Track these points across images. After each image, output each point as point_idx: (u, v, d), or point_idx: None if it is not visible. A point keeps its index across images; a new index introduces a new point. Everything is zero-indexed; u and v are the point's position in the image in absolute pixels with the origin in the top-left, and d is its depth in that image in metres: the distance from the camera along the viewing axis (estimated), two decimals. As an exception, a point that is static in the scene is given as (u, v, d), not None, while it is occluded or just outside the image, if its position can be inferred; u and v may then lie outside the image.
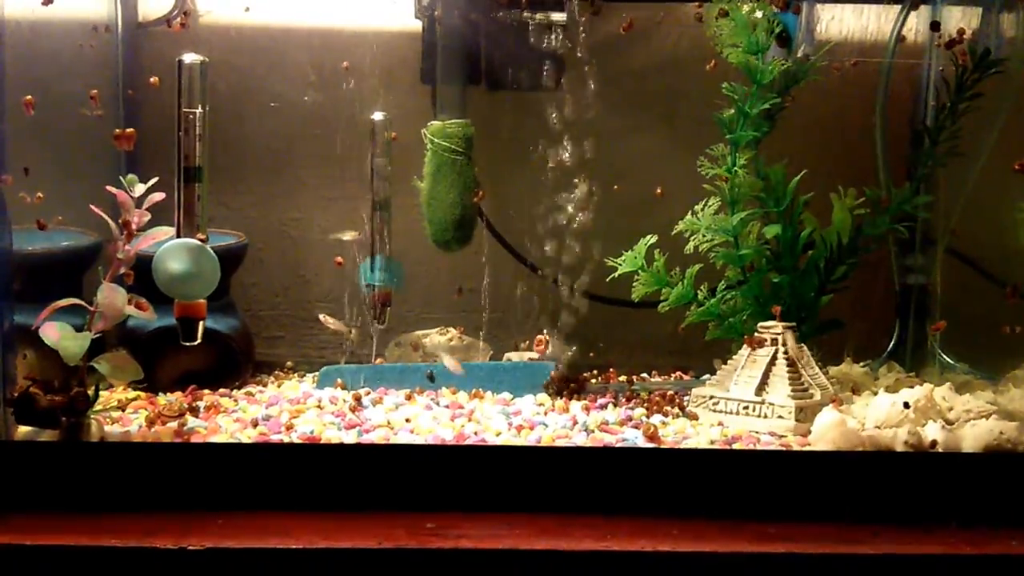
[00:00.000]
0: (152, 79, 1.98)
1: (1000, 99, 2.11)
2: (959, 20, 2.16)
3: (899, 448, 1.68)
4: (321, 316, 2.15)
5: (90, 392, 1.69)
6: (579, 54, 2.14)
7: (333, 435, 1.74)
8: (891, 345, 2.34)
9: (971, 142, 2.15)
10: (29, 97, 1.77)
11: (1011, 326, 1.92)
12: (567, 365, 2.14)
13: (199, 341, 1.76)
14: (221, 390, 2.08)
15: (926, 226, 2.26)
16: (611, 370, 2.28)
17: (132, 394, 2.02)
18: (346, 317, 2.16)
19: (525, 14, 2.19)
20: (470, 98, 2.25)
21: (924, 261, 2.29)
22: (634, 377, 2.27)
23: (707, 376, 2.13)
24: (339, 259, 2.18)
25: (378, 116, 2.13)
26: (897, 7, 2.24)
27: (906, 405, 1.77)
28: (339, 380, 2.10)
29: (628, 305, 2.20)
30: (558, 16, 2.18)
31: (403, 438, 1.74)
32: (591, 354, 2.25)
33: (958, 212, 2.22)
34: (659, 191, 2.17)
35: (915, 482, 1.62)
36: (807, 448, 1.74)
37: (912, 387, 1.89)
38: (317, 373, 2.15)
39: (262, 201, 2.42)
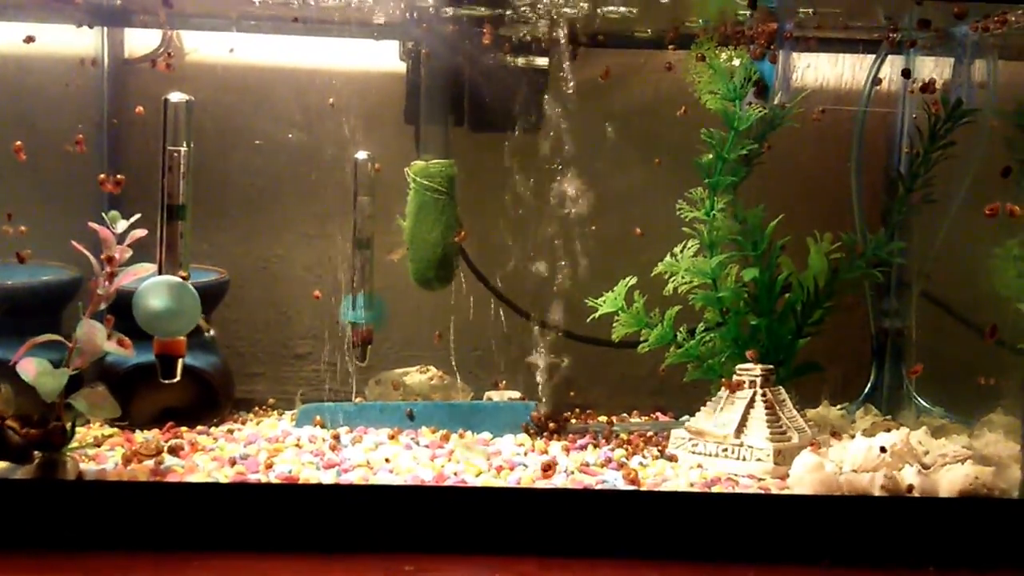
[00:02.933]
0: (137, 108, 1.99)
1: (973, 146, 2.16)
2: (931, 70, 2.21)
3: (876, 492, 1.70)
4: None
5: (68, 427, 1.68)
6: (561, 97, 2.17)
7: (312, 475, 1.73)
8: (867, 388, 2.37)
9: (945, 188, 2.20)
10: (19, 143, 1.77)
11: (986, 377, 1.95)
12: (546, 405, 2.14)
13: (178, 378, 1.75)
14: (199, 428, 2.06)
15: (901, 271, 2.30)
16: (588, 411, 2.28)
17: (108, 431, 2.01)
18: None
19: (508, 58, 2.22)
20: (453, 138, 2.27)
21: (899, 305, 2.33)
22: (614, 418, 2.28)
23: (686, 417, 2.14)
24: (317, 293, 2.18)
25: (361, 155, 2.14)
26: (871, 56, 2.29)
27: (883, 449, 1.78)
28: (318, 417, 2.09)
29: (608, 345, 2.21)
30: (541, 60, 2.22)
31: (382, 478, 1.73)
32: (571, 394, 2.26)
33: (932, 257, 2.26)
34: (638, 231, 2.20)
35: (892, 526, 1.63)
36: (785, 491, 1.75)
37: (888, 431, 1.90)
38: (296, 411, 2.14)
39: (244, 237, 2.42)
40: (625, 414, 2.33)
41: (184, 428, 2.05)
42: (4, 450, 1.64)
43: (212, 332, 2.05)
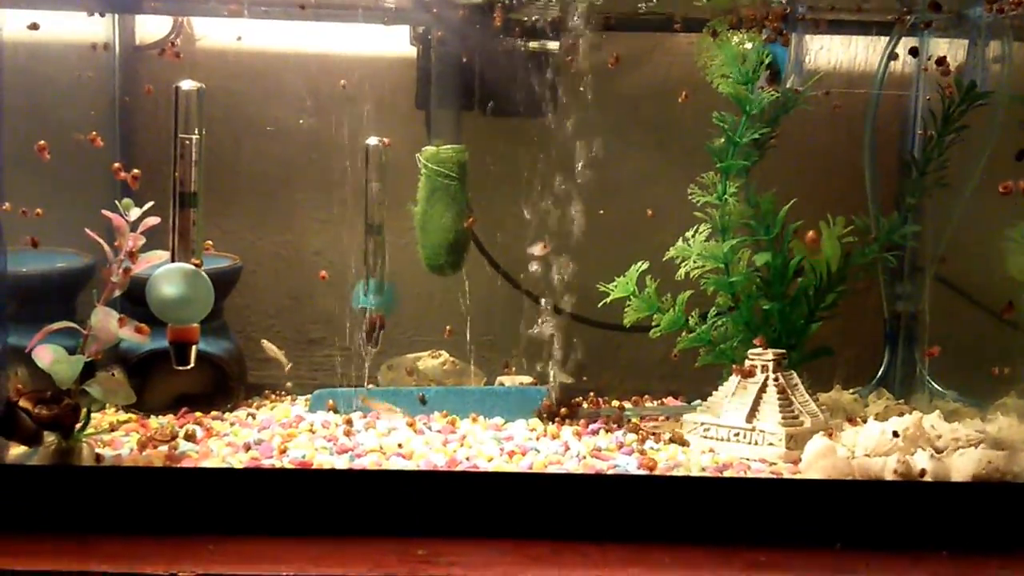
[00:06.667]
0: (147, 87, 1.99)
1: (987, 128, 2.14)
2: (945, 52, 2.19)
3: (888, 476, 1.69)
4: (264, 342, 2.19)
5: (83, 411, 1.69)
6: (572, 81, 2.16)
7: (325, 460, 1.74)
8: (880, 372, 2.36)
9: (958, 171, 2.18)
10: (43, 143, 1.78)
11: (999, 360, 1.94)
12: (558, 389, 2.14)
13: (192, 365, 1.76)
14: (213, 413, 2.08)
15: (914, 254, 2.28)
16: (604, 396, 2.28)
17: (123, 417, 2.02)
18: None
19: (520, 42, 2.21)
20: (464, 124, 2.27)
21: (912, 289, 2.31)
22: (625, 402, 2.28)
23: (698, 402, 2.14)
24: (323, 273, 2.19)
25: (372, 141, 2.14)
26: (885, 38, 2.27)
27: (895, 434, 1.78)
28: (331, 401, 2.10)
29: (620, 330, 2.21)
30: (552, 44, 2.21)
31: (395, 463, 1.74)
32: (583, 378, 2.26)
33: (946, 240, 2.24)
34: (650, 213, 2.19)
35: (905, 510, 1.63)
36: (797, 476, 1.75)
37: (901, 415, 1.90)
38: (309, 396, 2.15)
39: (256, 224, 2.43)
40: (637, 398, 2.33)
41: (198, 414, 2.07)
42: (16, 432, 1.65)
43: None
